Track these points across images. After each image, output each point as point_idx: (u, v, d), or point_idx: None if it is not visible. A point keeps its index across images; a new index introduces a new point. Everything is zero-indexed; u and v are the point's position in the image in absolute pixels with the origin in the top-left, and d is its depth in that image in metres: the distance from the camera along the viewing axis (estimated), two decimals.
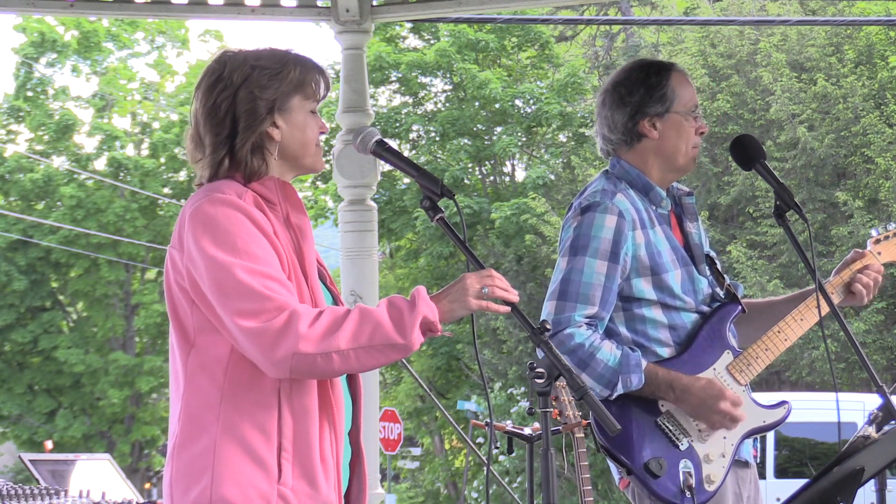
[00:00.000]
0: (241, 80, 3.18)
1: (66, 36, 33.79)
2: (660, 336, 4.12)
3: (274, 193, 3.18)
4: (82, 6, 7.53)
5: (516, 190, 26.94)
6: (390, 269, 29.85)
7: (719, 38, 23.90)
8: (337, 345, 2.99)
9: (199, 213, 3.08)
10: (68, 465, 7.15)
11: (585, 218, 4.09)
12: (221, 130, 3.17)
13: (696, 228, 4.27)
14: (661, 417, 4.06)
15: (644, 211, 4.15)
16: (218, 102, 3.18)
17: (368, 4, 7.10)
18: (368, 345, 3.01)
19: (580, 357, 3.98)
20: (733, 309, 4.20)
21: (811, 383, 21.23)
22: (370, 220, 7.15)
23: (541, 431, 3.24)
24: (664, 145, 4.19)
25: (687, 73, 4.34)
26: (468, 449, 9.22)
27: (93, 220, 32.04)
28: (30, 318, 33.06)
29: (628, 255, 4.07)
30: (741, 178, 22.22)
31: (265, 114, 3.17)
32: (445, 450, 29.69)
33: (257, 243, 3.05)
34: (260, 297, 2.99)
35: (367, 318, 3.03)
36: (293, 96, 3.22)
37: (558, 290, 4.06)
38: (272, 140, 3.19)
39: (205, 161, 3.20)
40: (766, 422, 4.16)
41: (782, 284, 21.32)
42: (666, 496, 3.98)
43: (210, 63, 3.26)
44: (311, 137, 3.25)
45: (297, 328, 2.97)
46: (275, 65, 3.21)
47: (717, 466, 4.05)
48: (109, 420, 33.17)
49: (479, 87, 26.28)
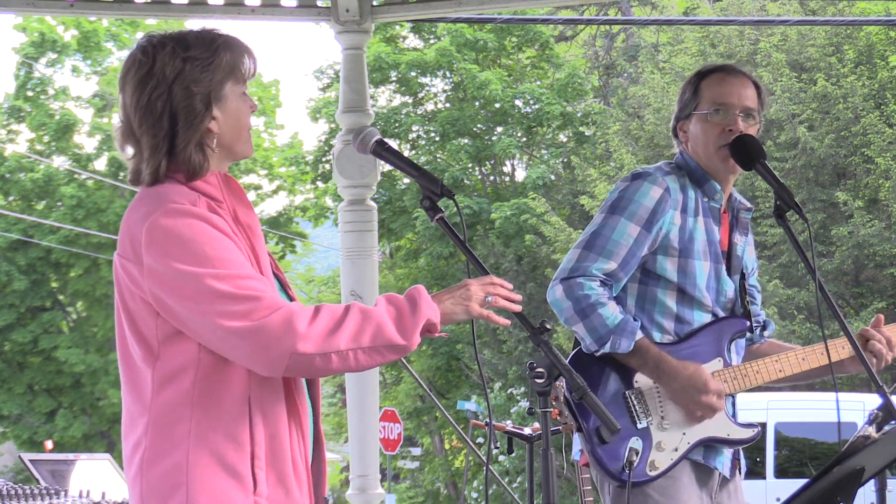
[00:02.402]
0: (174, 76, 3.03)
1: (66, 36, 33.80)
2: (663, 323, 4.14)
3: (218, 190, 3.07)
4: (82, 6, 7.53)
5: (516, 190, 26.95)
6: (390, 269, 29.85)
7: (719, 38, 23.91)
8: (337, 345, 2.93)
9: (158, 228, 2.95)
10: (68, 465, 7.16)
11: (633, 184, 4.17)
12: (159, 130, 3.03)
13: (743, 242, 4.30)
14: (630, 391, 4.09)
15: (693, 200, 4.19)
16: (153, 100, 3.04)
17: (368, 4, 7.10)
18: (370, 346, 2.97)
19: (582, 306, 4.03)
20: (741, 323, 4.22)
21: (811, 383, 21.18)
22: (370, 220, 7.14)
23: (541, 431, 3.24)
24: (694, 146, 4.27)
25: (734, 72, 4.35)
26: (468, 449, 9.22)
27: (93, 220, 32.06)
28: (30, 318, 33.07)
29: (662, 229, 4.12)
30: (741, 178, 22.16)
31: (203, 109, 3.04)
32: (445, 450, 29.69)
33: (226, 247, 2.96)
34: (246, 298, 2.91)
35: (368, 319, 2.97)
36: (226, 83, 3.08)
37: (585, 241, 4.13)
38: (211, 133, 3.07)
39: (143, 161, 3.06)
40: (729, 436, 4.15)
41: (782, 284, 21.32)
42: (606, 464, 4.02)
43: (134, 52, 3.10)
44: (245, 123, 3.13)
45: (296, 327, 2.91)
46: (205, 54, 3.06)
47: (665, 456, 4.06)
48: (109, 420, 33.17)
49: (479, 87, 26.29)
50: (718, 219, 4.25)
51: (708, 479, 4.17)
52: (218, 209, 3.03)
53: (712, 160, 4.24)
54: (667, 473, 4.06)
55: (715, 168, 4.25)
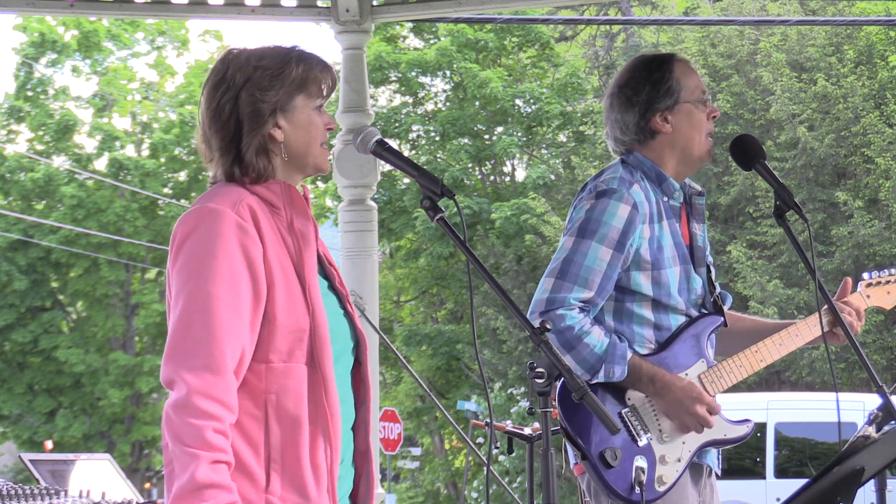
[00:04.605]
0: (243, 82, 3.15)
1: (66, 36, 33.79)
2: (644, 333, 4.13)
3: (279, 198, 3.16)
4: (82, 6, 7.53)
5: (516, 190, 26.94)
6: (390, 269, 29.84)
7: (719, 38, 23.91)
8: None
9: (179, 228, 3.09)
10: (68, 465, 7.14)
11: (600, 203, 4.08)
12: (226, 133, 3.15)
13: (701, 231, 4.27)
14: (625, 410, 4.07)
15: (656, 203, 4.14)
16: (221, 104, 3.16)
17: (368, 4, 7.10)
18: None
19: (567, 339, 4.00)
20: (716, 321, 4.21)
21: (811, 383, 21.23)
22: (370, 220, 7.15)
23: (541, 431, 3.24)
24: (678, 138, 4.19)
25: (688, 61, 4.33)
26: (468, 449, 9.22)
27: (93, 220, 32.05)
28: (30, 317, 33.06)
29: (633, 247, 4.08)
30: (741, 178, 22.22)
31: (268, 115, 3.15)
32: (445, 450, 29.68)
33: (229, 281, 3.06)
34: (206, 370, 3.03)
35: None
36: (296, 96, 3.18)
37: (558, 269, 4.06)
38: (275, 141, 3.16)
39: (215, 162, 3.19)
40: (726, 436, 4.16)
41: (782, 284, 21.33)
42: (615, 487, 3.99)
43: (215, 63, 3.25)
44: (316, 136, 3.21)
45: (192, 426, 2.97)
46: (276, 64, 3.17)
47: (670, 469, 4.06)
48: (109, 420, 33.17)
49: (479, 86, 26.27)
50: (679, 216, 4.23)
51: (699, 477, 4.19)
52: (271, 214, 3.13)
53: (701, 146, 4.21)
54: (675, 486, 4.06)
55: (698, 157, 4.22)
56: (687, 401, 4.04)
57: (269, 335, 3.06)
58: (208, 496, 2.90)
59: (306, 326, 3.08)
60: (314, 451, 3.07)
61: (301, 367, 3.07)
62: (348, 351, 3.21)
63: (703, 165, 4.33)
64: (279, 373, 3.06)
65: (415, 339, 26.46)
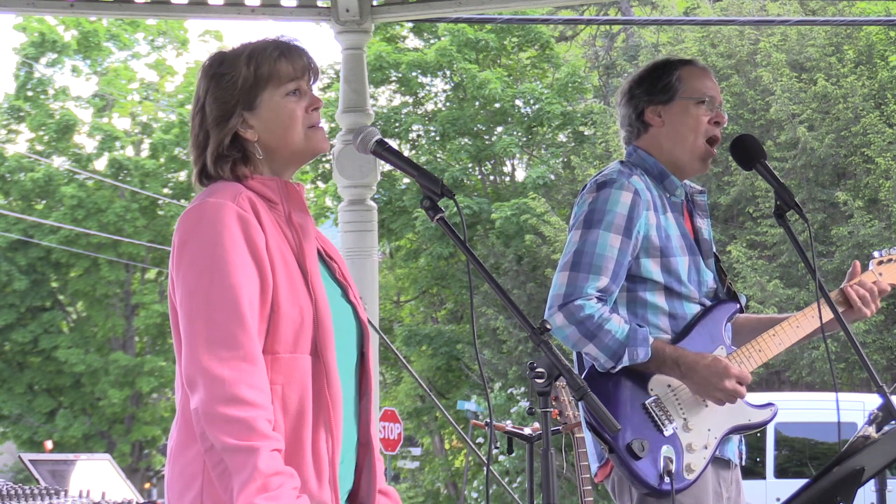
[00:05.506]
0: (204, 93, 3.17)
1: (66, 36, 33.78)
2: (659, 322, 4.14)
3: (276, 193, 3.16)
4: (82, 6, 7.53)
5: (516, 190, 26.93)
6: (390, 269, 29.84)
7: (719, 38, 23.90)
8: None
9: (182, 224, 3.08)
10: (68, 465, 7.15)
11: (601, 193, 4.11)
12: (198, 143, 3.20)
13: (706, 225, 4.29)
14: (649, 400, 4.08)
15: (658, 197, 4.17)
16: (193, 117, 3.20)
17: (368, 4, 7.11)
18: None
19: (588, 328, 4.01)
20: (732, 306, 4.23)
21: (811, 383, 21.23)
22: (370, 220, 7.15)
23: (541, 431, 3.24)
24: (669, 133, 4.21)
25: (706, 68, 4.35)
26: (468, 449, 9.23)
27: (93, 220, 32.04)
28: (30, 317, 33.06)
29: (640, 233, 4.10)
30: (741, 178, 22.22)
31: (230, 119, 3.16)
32: (445, 450, 29.68)
33: (238, 270, 3.04)
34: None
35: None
36: (258, 93, 3.16)
37: (571, 262, 4.08)
38: (250, 142, 3.17)
39: (197, 166, 3.23)
40: (751, 420, 4.18)
41: (782, 284, 21.32)
42: (645, 478, 3.99)
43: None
44: (292, 123, 3.17)
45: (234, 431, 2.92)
46: (229, 69, 3.16)
47: (698, 457, 4.06)
48: (109, 420, 33.16)
49: (479, 86, 26.27)
50: (682, 211, 4.25)
51: (725, 470, 4.19)
52: (269, 209, 3.12)
53: (694, 149, 4.22)
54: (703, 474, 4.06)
55: (691, 158, 4.23)
56: (714, 378, 4.04)
57: (275, 326, 3.05)
58: (276, 484, 2.88)
59: (310, 315, 3.08)
60: (316, 441, 3.07)
61: (306, 357, 3.07)
62: (352, 341, 3.22)
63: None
64: (285, 364, 3.05)
65: (415, 339, 26.45)
